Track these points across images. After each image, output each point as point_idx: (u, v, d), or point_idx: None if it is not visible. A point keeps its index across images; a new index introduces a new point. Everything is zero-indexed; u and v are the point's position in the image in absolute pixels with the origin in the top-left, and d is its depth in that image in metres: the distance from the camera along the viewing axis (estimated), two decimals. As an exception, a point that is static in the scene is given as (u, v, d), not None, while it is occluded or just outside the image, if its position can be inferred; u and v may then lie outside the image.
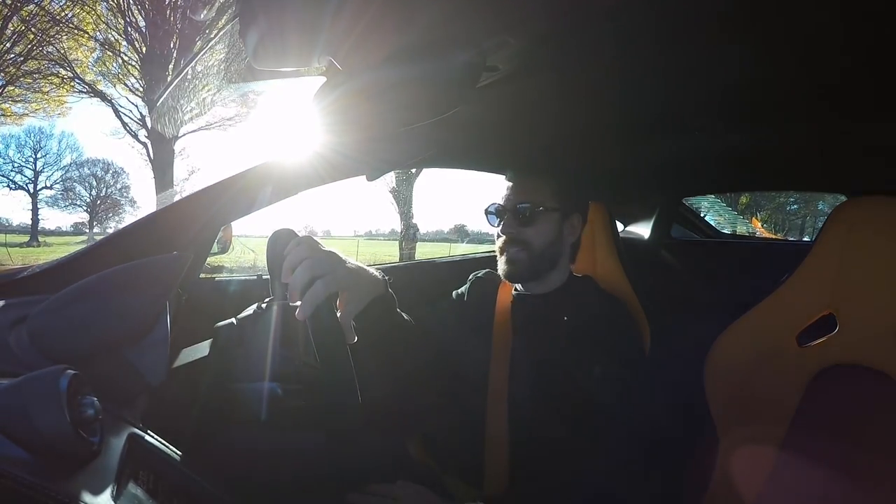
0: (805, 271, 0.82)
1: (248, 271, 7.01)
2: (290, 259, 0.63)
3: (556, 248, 0.92)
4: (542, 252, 0.90)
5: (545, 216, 0.90)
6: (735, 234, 6.04)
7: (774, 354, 0.83)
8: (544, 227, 0.90)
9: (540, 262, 0.91)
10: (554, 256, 0.92)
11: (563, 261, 0.94)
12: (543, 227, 0.90)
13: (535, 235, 0.90)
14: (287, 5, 0.50)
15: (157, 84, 10.93)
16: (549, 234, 0.90)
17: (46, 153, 23.30)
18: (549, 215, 0.90)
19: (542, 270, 0.92)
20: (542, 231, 0.90)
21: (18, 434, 0.37)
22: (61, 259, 0.68)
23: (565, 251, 0.94)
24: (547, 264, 0.92)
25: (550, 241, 0.91)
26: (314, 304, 0.59)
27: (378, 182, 11.28)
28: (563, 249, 0.93)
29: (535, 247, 0.90)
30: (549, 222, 0.90)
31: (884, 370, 0.72)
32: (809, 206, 22.13)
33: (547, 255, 0.91)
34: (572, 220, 0.93)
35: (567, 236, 0.93)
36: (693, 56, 0.67)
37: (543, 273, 0.93)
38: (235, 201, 0.76)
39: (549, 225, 0.90)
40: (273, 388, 0.70)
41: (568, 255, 0.95)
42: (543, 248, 0.90)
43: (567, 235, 0.93)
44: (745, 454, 0.83)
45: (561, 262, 0.94)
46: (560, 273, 0.95)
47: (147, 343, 0.59)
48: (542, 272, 0.92)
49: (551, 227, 0.91)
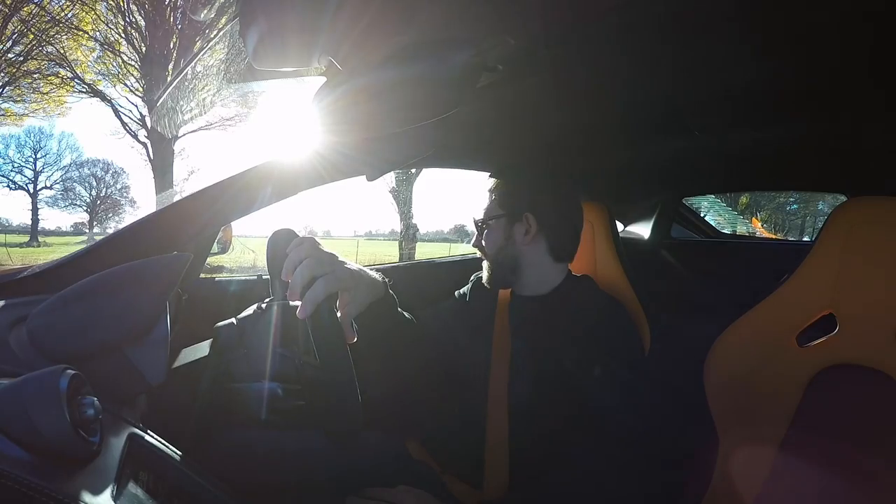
0: (805, 271, 0.82)
1: (248, 271, 7.01)
2: (291, 258, 0.63)
3: (509, 251, 0.93)
4: (496, 258, 0.94)
5: (493, 224, 0.94)
6: (735, 234, 6.05)
7: (774, 354, 0.83)
8: (492, 235, 0.94)
9: (498, 268, 0.94)
10: (511, 260, 0.93)
11: (531, 262, 0.93)
12: (491, 235, 0.94)
13: (487, 245, 0.95)
14: (287, 5, 0.50)
15: (156, 84, 10.93)
16: (497, 241, 0.94)
17: (46, 153, 23.33)
18: (496, 223, 0.94)
19: (505, 275, 0.94)
20: (491, 239, 0.94)
21: (18, 434, 0.37)
22: (61, 259, 0.68)
23: (525, 252, 0.92)
24: (507, 269, 0.93)
25: (500, 247, 0.93)
26: (315, 303, 0.60)
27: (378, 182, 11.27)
28: (519, 252, 0.92)
29: (490, 255, 0.95)
30: (496, 229, 0.94)
31: (884, 370, 0.72)
32: (809, 206, 22.14)
33: (501, 260, 0.93)
34: (524, 222, 0.92)
35: (521, 237, 0.92)
36: (693, 56, 0.67)
37: (509, 277, 0.94)
38: (235, 201, 0.76)
39: (496, 232, 0.94)
40: (273, 388, 0.70)
41: (542, 255, 0.93)
42: (496, 255, 0.94)
43: (521, 237, 0.92)
44: (745, 454, 0.83)
45: (527, 264, 0.93)
46: (534, 274, 0.93)
47: (147, 343, 0.59)
48: (507, 276, 0.94)
49: (499, 234, 0.93)
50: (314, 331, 0.60)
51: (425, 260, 1.80)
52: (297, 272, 0.61)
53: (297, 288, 0.61)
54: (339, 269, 0.65)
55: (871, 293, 0.75)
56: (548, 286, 0.94)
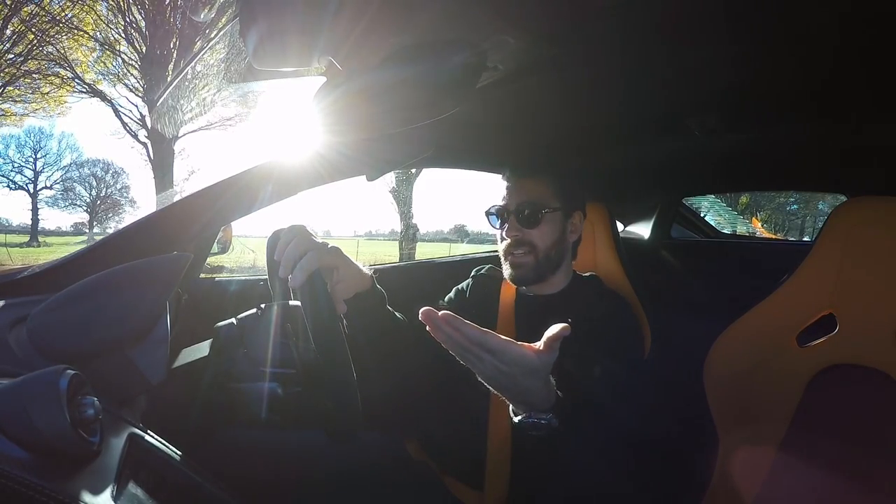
0: (805, 271, 0.82)
1: (248, 271, 7.01)
2: (283, 239, 0.66)
3: (561, 248, 0.92)
4: (548, 253, 0.90)
5: (549, 216, 0.89)
6: (735, 234, 6.04)
7: (774, 354, 0.83)
8: (548, 228, 0.89)
9: (546, 263, 0.90)
10: (559, 257, 0.92)
11: (567, 260, 0.94)
12: (548, 227, 0.89)
13: (540, 237, 0.89)
14: (287, 6, 0.50)
15: (157, 84, 10.93)
16: (553, 235, 0.90)
17: (46, 153, 23.30)
18: (552, 215, 0.90)
19: (547, 272, 0.92)
20: (547, 232, 0.89)
21: (18, 434, 0.37)
22: (61, 259, 0.68)
23: (569, 250, 0.94)
24: (552, 265, 0.91)
25: (555, 242, 0.90)
26: (306, 271, 0.62)
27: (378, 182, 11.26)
28: (567, 248, 0.93)
29: (541, 248, 0.89)
30: (553, 222, 0.90)
31: (884, 370, 0.72)
32: (809, 206, 22.13)
33: (552, 255, 0.90)
34: (574, 219, 0.93)
35: (570, 235, 0.93)
36: (693, 56, 0.67)
37: (549, 275, 0.92)
38: (235, 201, 0.76)
39: (552, 225, 0.90)
40: (273, 388, 0.70)
41: (570, 254, 0.96)
42: (548, 249, 0.90)
43: (570, 234, 0.93)
44: (745, 454, 0.83)
45: (565, 262, 0.94)
46: (564, 273, 0.94)
47: (147, 343, 0.59)
48: (548, 274, 0.92)
49: (555, 227, 0.90)
50: (306, 302, 0.62)
51: (425, 260, 1.80)
52: (289, 247, 0.64)
53: (290, 260, 0.63)
54: (326, 247, 0.68)
55: (871, 293, 0.75)
56: (560, 285, 0.94)
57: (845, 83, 0.75)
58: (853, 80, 0.73)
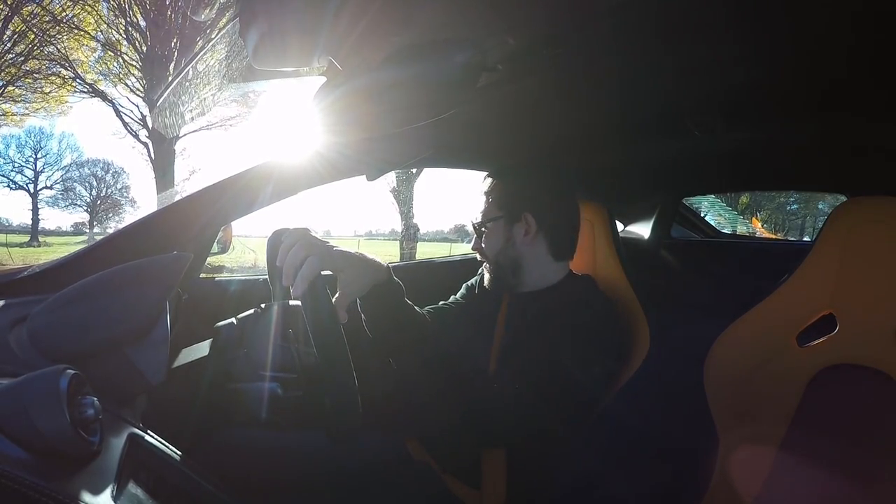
0: (805, 271, 0.82)
1: (248, 271, 7.02)
2: (284, 244, 0.64)
3: (511, 253, 0.92)
4: (497, 260, 0.93)
5: (491, 226, 0.93)
6: (735, 234, 6.04)
7: (774, 354, 0.83)
8: (492, 238, 0.93)
9: (499, 270, 0.94)
10: (512, 262, 0.92)
11: (533, 262, 0.93)
12: (491, 237, 0.93)
13: (487, 248, 0.94)
14: (287, 5, 0.50)
15: (158, 84, 10.92)
16: (497, 243, 0.93)
17: (47, 153, 23.27)
18: (494, 225, 0.93)
19: (506, 277, 0.94)
20: (491, 241, 0.93)
21: (18, 434, 0.37)
22: (61, 259, 0.68)
23: (527, 253, 0.92)
24: (508, 271, 0.93)
25: (500, 249, 0.93)
26: (307, 279, 0.60)
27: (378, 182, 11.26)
28: (521, 252, 0.92)
29: (490, 257, 0.94)
30: (496, 231, 0.93)
31: (884, 370, 0.72)
32: (809, 206, 22.10)
33: (502, 262, 0.93)
34: (523, 222, 0.91)
35: (522, 238, 0.91)
36: (693, 56, 0.67)
37: (510, 279, 0.93)
38: (235, 201, 0.76)
39: (495, 234, 0.93)
40: (273, 388, 0.70)
41: (542, 254, 0.93)
42: (496, 257, 0.93)
43: (521, 237, 0.91)
44: (745, 454, 0.83)
45: (528, 264, 0.93)
46: (537, 274, 0.93)
47: (147, 343, 0.59)
48: (509, 278, 0.93)
49: (498, 236, 0.93)
50: (307, 309, 0.61)
51: (426, 260, 1.80)
52: (290, 254, 0.62)
53: (291, 269, 0.62)
54: (330, 251, 0.67)
55: (871, 293, 0.75)
56: (539, 284, 0.94)
57: (845, 83, 0.75)
58: (853, 80, 0.73)
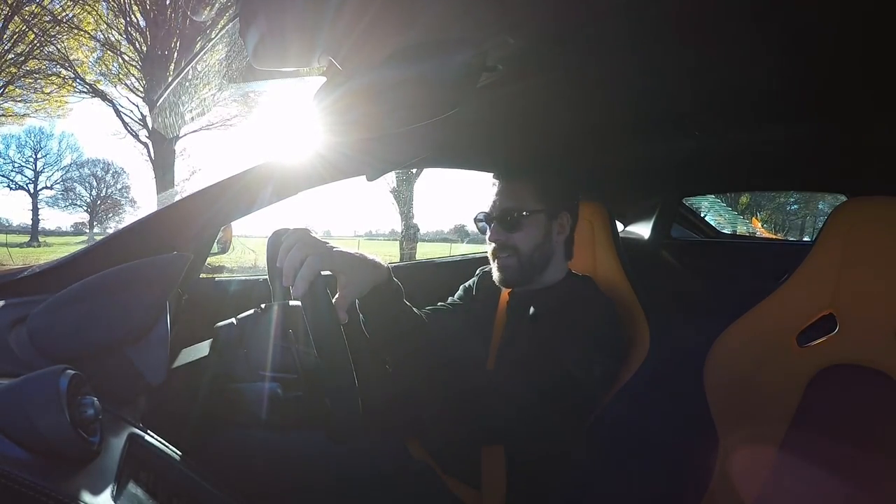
0: (805, 271, 0.82)
1: (248, 271, 7.02)
2: (284, 245, 0.64)
3: (546, 249, 0.91)
4: (531, 256, 0.90)
5: (531, 219, 0.89)
6: (735, 234, 6.04)
7: (774, 354, 0.83)
8: (531, 231, 0.90)
9: (530, 265, 0.91)
10: (544, 258, 0.92)
11: (556, 260, 0.94)
12: (530, 230, 0.90)
13: (523, 240, 0.89)
14: (287, 5, 0.50)
15: (158, 84, 10.91)
16: (536, 237, 0.90)
17: (47, 153, 23.24)
18: (534, 218, 0.90)
19: (533, 274, 0.92)
20: (529, 235, 0.90)
21: (18, 434, 0.38)
22: (61, 259, 0.68)
23: (556, 251, 0.93)
24: (538, 267, 0.92)
25: (538, 244, 0.90)
26: (307, 280, 0.60)
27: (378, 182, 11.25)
28: (553, 249, 0.93)
29: (524, 251, 0.90)
30: (536, 225, 0.90)
31: (884, 370, 0.72)
32: (809, 206, 22.08)
33: (536, 258, 0.91)
34: (560, 219, 0.92)
35: (556, 236, 0.92)
36: (694, 56, 0.67)
37: (535, 276, 0.92)
38: (235, 201, 0.76)
39: (535, 228, 0.90)
40: (273, 388, 0.70)
41: (562, 253, 0.95)
42: (532, 252, 0.90)
43: (556, 235, 0.92)
44: (745, 454, 0.83)
45: (553, 263, 0.93)
46: (553, 273, 0.94)
47: (147, 343, 0.59)
48: (534, 275, 0.92)
49: (538, 230, 0.90)
50: (307, 310, 0.61)
51: (426, 260, 1.80)
52: (290, 254, 0.62)
53: (290, 270, 0.62)
54: (330, 251, 0.66)
55: (871, 293, 0.75)
56: (549, 282, 0.94)
57: (845, 83, 0.75)
58: (853, 80, 0.73)
